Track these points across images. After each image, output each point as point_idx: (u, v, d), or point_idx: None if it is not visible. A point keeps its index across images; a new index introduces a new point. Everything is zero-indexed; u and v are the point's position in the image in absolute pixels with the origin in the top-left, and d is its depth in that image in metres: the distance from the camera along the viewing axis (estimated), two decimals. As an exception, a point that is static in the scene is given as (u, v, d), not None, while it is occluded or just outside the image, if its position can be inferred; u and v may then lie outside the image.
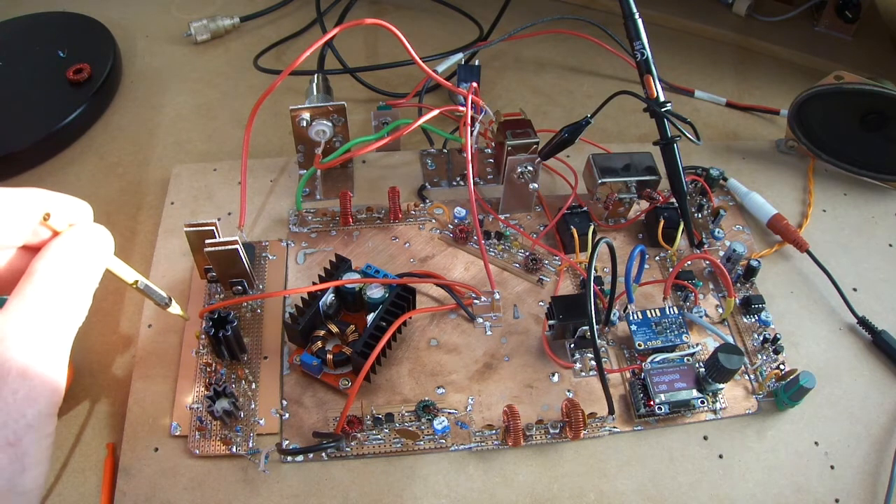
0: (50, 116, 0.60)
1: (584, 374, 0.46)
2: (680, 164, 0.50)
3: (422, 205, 0.55)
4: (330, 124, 0.53)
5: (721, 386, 0.44)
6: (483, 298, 0.49)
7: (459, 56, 0.67)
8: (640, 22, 0.49)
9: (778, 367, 0.46)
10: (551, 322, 0.45)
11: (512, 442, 0.42)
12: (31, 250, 0.27)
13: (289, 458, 0.41)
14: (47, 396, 0.24)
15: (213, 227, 0.44)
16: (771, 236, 0.55)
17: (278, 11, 0.76)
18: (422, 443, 0.42)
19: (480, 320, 0.48)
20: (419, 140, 0.62)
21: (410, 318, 0.47)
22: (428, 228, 0.54)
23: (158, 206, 0.55)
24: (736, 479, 0.42)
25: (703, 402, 0.44)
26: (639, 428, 0.44)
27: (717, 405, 0.44)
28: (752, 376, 0.46)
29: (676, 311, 0.47)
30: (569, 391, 0.45)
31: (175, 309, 0.37)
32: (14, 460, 0.23)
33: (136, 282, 0.33)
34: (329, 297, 0.45)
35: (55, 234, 0.27)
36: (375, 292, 0.45)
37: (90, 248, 0.27)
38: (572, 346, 0.47)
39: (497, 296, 0.50)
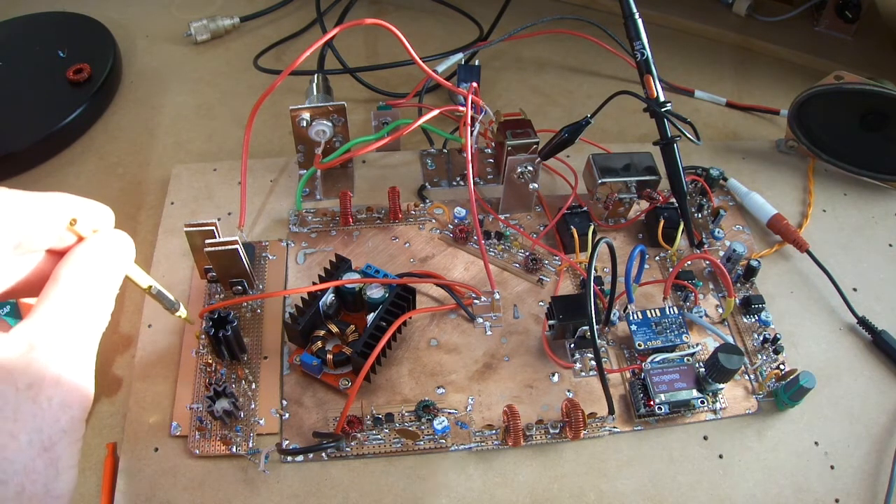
0: (50, 116, 0.60)
1: (584, 374, 0.46)
2: (680, 164, 0.50)
3: (422, 205, 0.55)
4: (330, 124, 0.53)
5: (721, 386, 0.44)
6: (483, 298, 0.49)
7: (459, 56, 0.67)
8: (640, 22, 0.49)
9: (778, 367, 0.46)
10: (551, 322, 0.45)
11: (512, 442, 0.42)
12: (57, 254, 0.27)
13: (289, 458, 0.41)
14: (80, 402, 0.25)
15: (213, 227, 0.44)
16: (771, 236, 0.55)
17: (278, 11, 0.76)
18: (422, 443, 0.42)
19: (480, 320, 0.48)
20: (419, 140, 0.62)
21: (410, 318, 0.47)
22: (428, 228, 0.54)
23: (158, 206, 0.55)
24: (736, 479, 0.42)
25: (703, 402, 0.44)
26: (639, 428, 0.44)
27: (717, 405, 0.44)
28: (752, 376, 0.46)
29: (676, 311, 0.47)
30: (569, 391, 0.45)
31: (182, 313, 0.37)
32: (49, 465, 0.23)
33: (150, 287, 0.33)
34: (329, 297, 0.45)
35: (80, 239, 0.27)
36: (375, 292, 0.45)
37: (114, 254, 0.28)
38: (572, 346, 0.47)
39: (497, 296, 0.50)
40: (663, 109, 0.49)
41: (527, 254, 0.51)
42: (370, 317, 0.45)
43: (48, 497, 0.23)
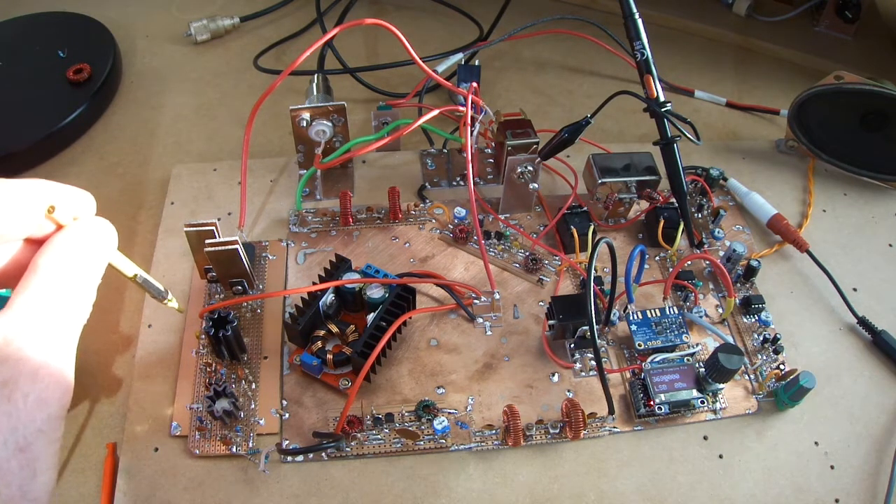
0: (50, 116, 0.60)
1: (584, 374, 0.46)
2: (680, 164, 0.50)
3: (422, 205, 0.55)
4: (330, 124, 0.53)
5: (721, 386, 0.44)
6: (483, 298, 0.49)
7: (459, 56, 0.67)
8: (640, 22, 0.49)
9: (778, 367, 0.46)
10: (551, 322, 0.45)
11: (512, 442, 0.42)
12: (35, 243, 0.26)
13: (289, 458, 0.42)
14: (57, 399, 0.23)
15: (213, 227, 0.44)
16: (771, 236, 0.55)
17: (278, 11, 0.76)
18: (422, 443, 0.42)
19: (480, 320, 0.48)
20: (419, 140, 0.62)
21: (410, 318, 0.47)
22: (428, 228, 0.54)
23: (158, 206, 0.55)
24: (736, 479, 0.42)
25: (703, 402, 0.44)
26: (639, 428, 0.44)
27: (717, 405, 0.44)
28: (752, 376, 0.46)
29: (676, 311, 0.47)
30: (569, 391, 0.45)
31: (172, 303, 0.37)
32: (24, 466, 0.22)
33: (136, 275, 0.33)
34: (329, 297, 0.45)
35: (59, 227, 0.26)
36: (375, 292, 0.45)
37: (95, 243, 0.27)
38: (572, 346, 0.47)
39: (497, 296, 0.50)
40: (663, 109, 0.49)
41: (527, 254, 0.51)
42: (370, 317, 0.45)
43: (24, 500, 0.22)
